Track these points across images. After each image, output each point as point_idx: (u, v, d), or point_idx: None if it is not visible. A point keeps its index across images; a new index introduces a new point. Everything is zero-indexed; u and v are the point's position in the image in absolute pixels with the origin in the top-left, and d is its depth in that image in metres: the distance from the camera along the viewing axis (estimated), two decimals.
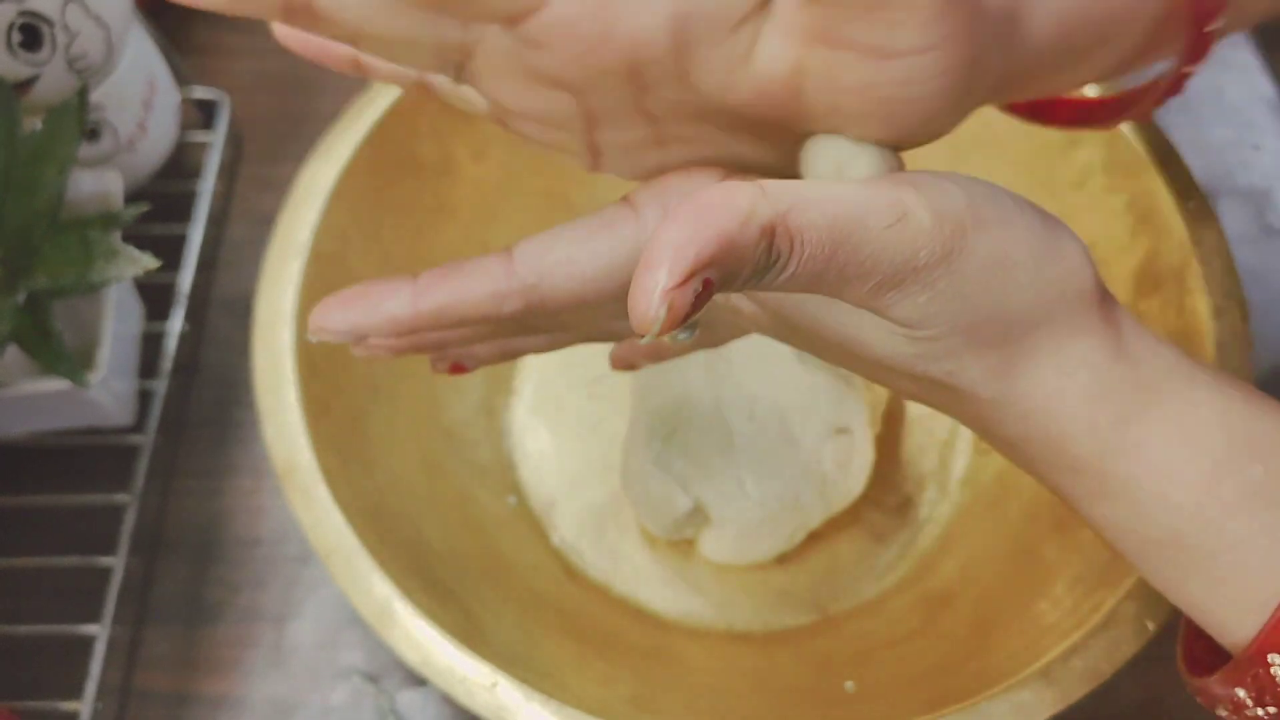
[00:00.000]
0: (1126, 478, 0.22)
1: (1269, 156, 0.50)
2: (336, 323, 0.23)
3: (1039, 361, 0.22)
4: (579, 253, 0.23)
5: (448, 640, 0.30)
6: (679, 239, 0.17)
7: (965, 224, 0.20)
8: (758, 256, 0.18)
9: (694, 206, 0.18)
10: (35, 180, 0.36)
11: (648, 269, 0.17)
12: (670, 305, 0.17)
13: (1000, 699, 0.29)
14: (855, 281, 0.20)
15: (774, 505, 0.39)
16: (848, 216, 0.19)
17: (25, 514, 0.40)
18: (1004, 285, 0.21)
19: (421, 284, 0.23)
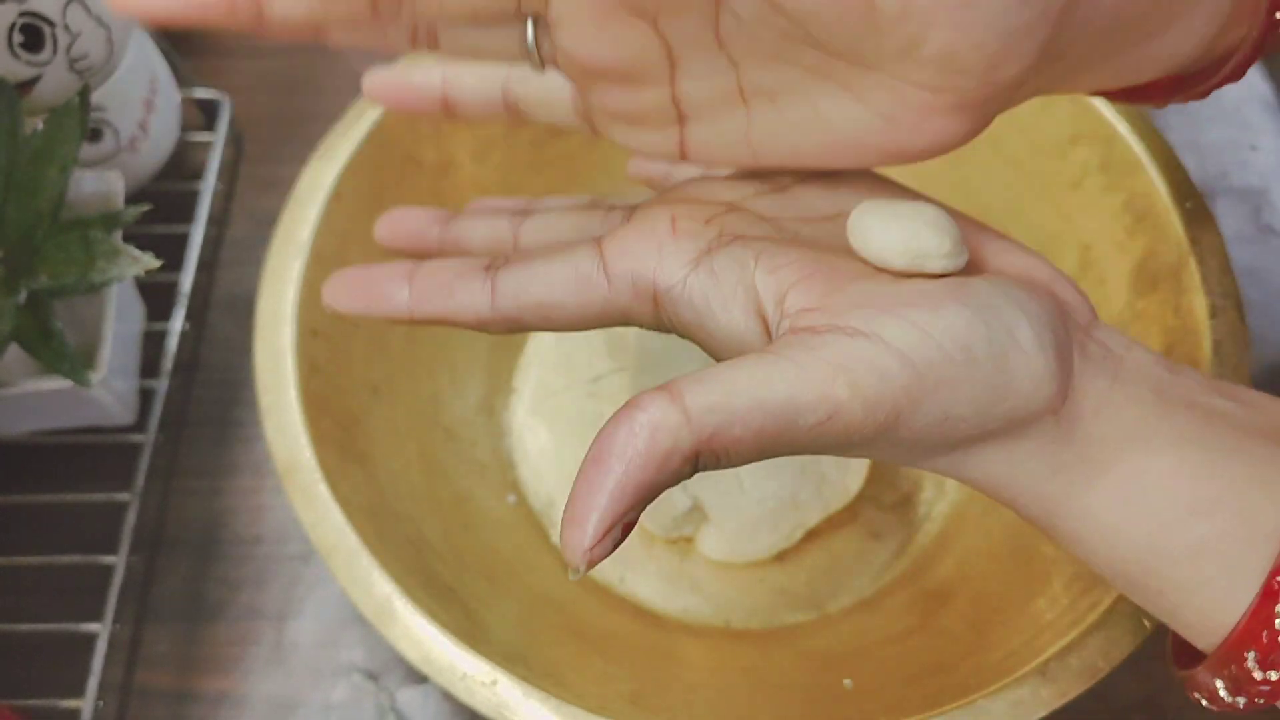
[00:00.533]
0: (1075, 536, 0.23)
1: (1266, 156, 0.50)
2: (345, 304, 0.26)
3: (985, 458, 0.22)
4: (553, 299, 0.24)
5: (448, 638, 0.30)
6: (600, 497, 0.19)
7: (900, 407, 0.20)
8: (684, 475, 0.20)
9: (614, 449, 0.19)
10: (37, 180, 0.36)
11: (573, 524, 0.19)
12: (590, 560, 0.19)
13: (998, 696, 0.29)
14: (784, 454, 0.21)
15: (772, 503, 0.39)
16: (775, 426, 0.20)
17: (27, 512, 0.40)
18: (944, 434, 0.21)
19: (417, 293, 0.25)
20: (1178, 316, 0.35)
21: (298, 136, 0.44)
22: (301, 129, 0.48)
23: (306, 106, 0.52)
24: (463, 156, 0.42)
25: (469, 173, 0.42)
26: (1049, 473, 0.22)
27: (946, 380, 0.20)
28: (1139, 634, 0.30)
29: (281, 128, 0.51)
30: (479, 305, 0.25)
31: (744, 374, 0.20)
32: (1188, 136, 0.50)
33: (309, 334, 0.35)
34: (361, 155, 0.38)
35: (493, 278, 0.25)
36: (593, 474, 0.19)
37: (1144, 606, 0.24)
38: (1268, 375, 0.44)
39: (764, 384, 0.20)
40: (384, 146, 0.39)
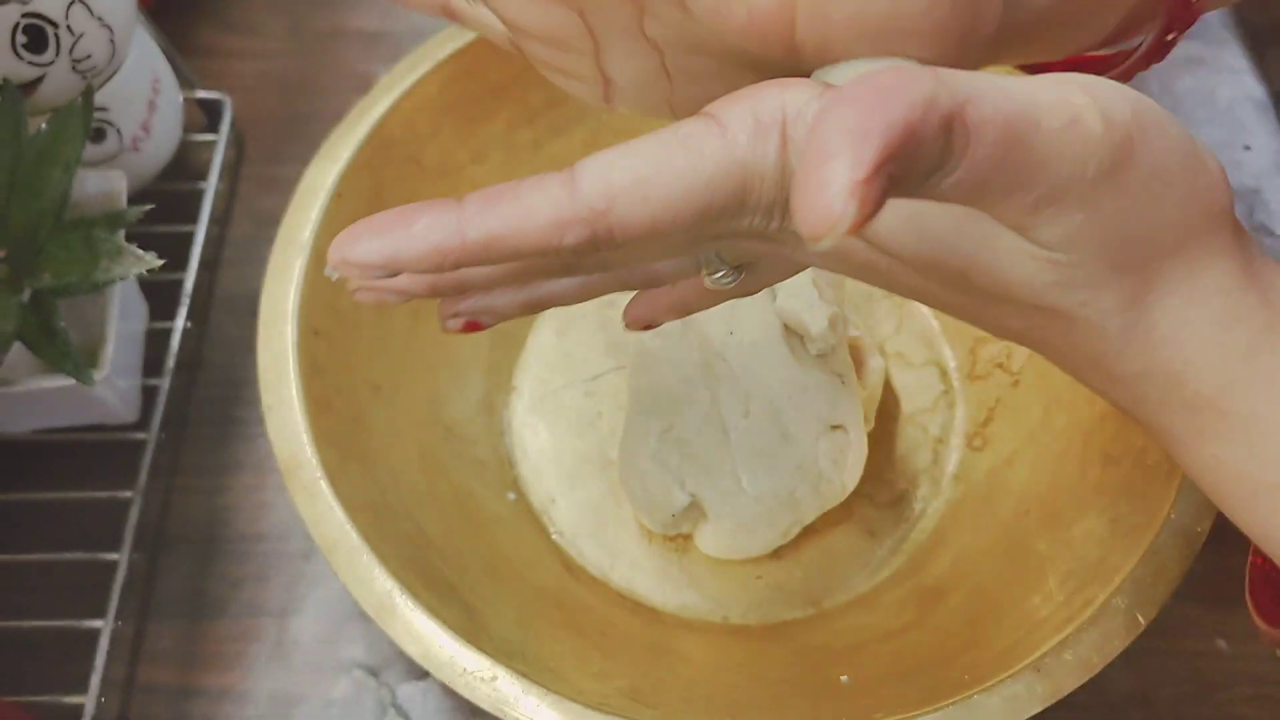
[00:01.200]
0: (1247, 415, 0.21)
1: (1259, 156, 0.50)
2: (366, 252, 0.19)
3: (1172, 288, 0.20)
4: (655, 172, 0.19)
5: (448, 634, 0.30)
6: (859, 123, 0.15)
7: (1132, 133, 0.19)
8: (934, 154, 0.16)
9: (869, 88, 0.16)
10: (41, 180, 0.37)
11: (821, 161, 0.15)
12: (861, 201, 0.15)
13: (993, 692, 0.29)
14: (1018, 192, 0.18)
15: (769, 500, 0.39)
16: (1022, 114, 0.17)
17: (30, 510, 0.41)
18: (1160, 201, 0.20)
19: (470, 209, 0.19)
20: None
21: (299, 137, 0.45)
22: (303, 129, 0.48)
23: (308, 107, 0.52)
24: (462, 157, 0.42)
25: (469, 173, 0.42)
26: (1231, 319, 0.20)
27: (1163, 124, 0.19)
28: (1133, 630, 0.30)
29: (283, 128, 0.51)
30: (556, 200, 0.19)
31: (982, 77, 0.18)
32: None
33: (311, 333, 0.36)
34: (362, 155, 0.38)
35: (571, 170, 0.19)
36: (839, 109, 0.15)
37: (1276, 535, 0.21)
38: None
39: (1004, 83, 0.18)
40: (385, 147, 0.39)
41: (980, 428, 0.42)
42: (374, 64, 0.53)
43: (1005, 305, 0.21)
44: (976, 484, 0.41)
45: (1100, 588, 0.31)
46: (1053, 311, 0.21)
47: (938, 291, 0.22)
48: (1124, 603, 0.30)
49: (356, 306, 0.38)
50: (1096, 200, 0.19)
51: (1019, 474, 0.39)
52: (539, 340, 0.45)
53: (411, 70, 0.40)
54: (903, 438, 0.43)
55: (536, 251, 0.19)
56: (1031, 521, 0.36)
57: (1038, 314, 0.21)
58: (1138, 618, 0.30)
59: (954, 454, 0.42)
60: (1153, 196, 0.19)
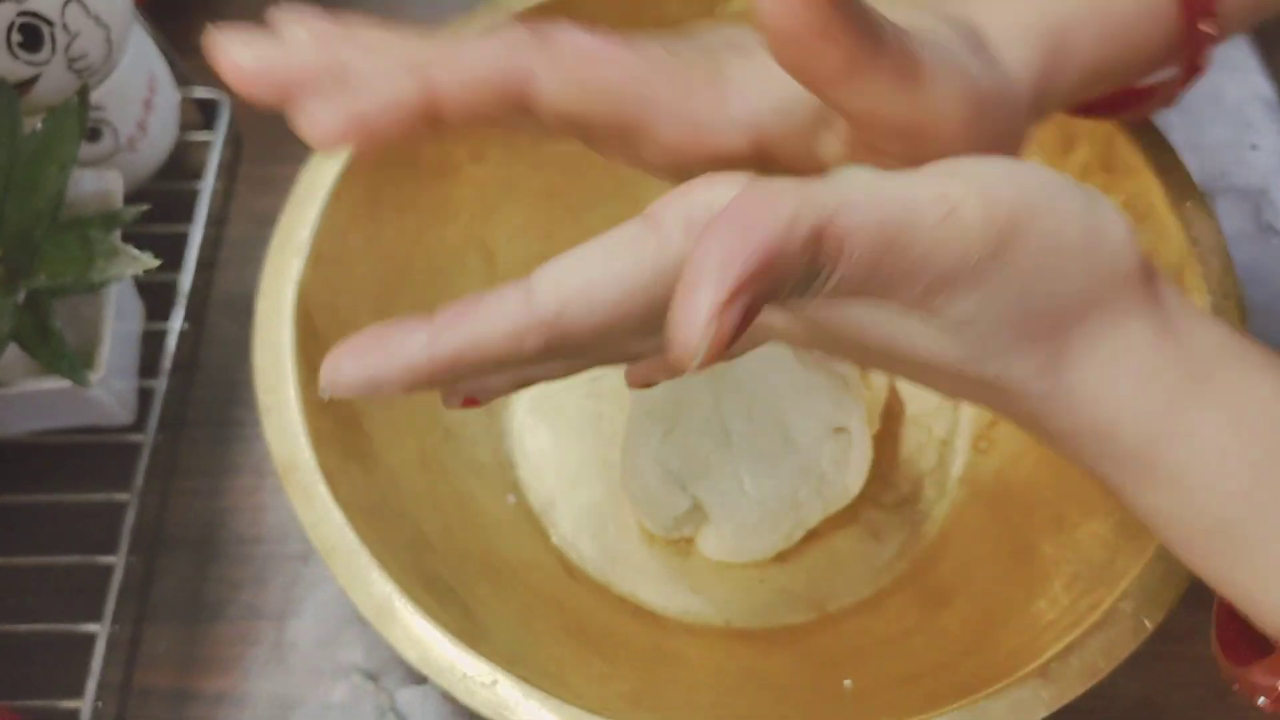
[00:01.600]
0: (1175, 466, 0.21)
1: (1266, 156, 0.50)
2: (350, 375, 0.21)
3: (1087, 351, 0.21)
4: (599, 276, 0.20)
5: (447, 638, 0.30)
6: (720, 254, 0.16)
7: (1016, 215, 0.19)
8: (802, 268, 0.17)
9: (733, 215, 0.17)
10: (36, 180, 0.36)
11: (689, 290, 0.16)
12: (717, 329, 0.16)
13: (998, 697, 0.29)
14: (905, 284, 0.19)
15: (772, 504, 0.39)
16: (895, 216, 0.18)
17: (26, 512, 0.40)
18: (1055, 274, 0.20)
19: (437, 326, 0.21)
20: None
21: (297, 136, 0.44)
22: None
23: None
24: (461, 156, 0.42)
25: (467, 172, 0.42)
26: (1150, 374, 0.21)
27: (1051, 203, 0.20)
28: (1140, 634, 0.30)
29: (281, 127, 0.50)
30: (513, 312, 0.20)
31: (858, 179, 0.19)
32: (1188, 136, 0.50)
33: (308, 334, 0.35)
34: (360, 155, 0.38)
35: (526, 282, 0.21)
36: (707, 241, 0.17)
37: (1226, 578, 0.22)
38: None
39: (879, 181, 0.19)
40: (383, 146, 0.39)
41: (986, 430, 0.42)
42: None
43: (934, 374, 0.22)
44: (982, 486, 0.40)
45: (1107, 591, 0.31)
46: (977, 379, 0.22)
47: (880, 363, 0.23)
48: (1131, 607, 0.30)
49: (355, 307, 0.38)
50: (987, 281, 0.19)
51: (1025, 477, 0.39)
52: None
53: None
54: (907, 440, 0.42)
55: (501, 360, 0.21)
56: (1037, 524, 0.36)
57: (965, 381, 0.22)
58: (1145, 622, 0.30)
59: (959, 456, 0.42)
60: (1048, 270, 0.20)
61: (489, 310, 0.21)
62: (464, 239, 0.43)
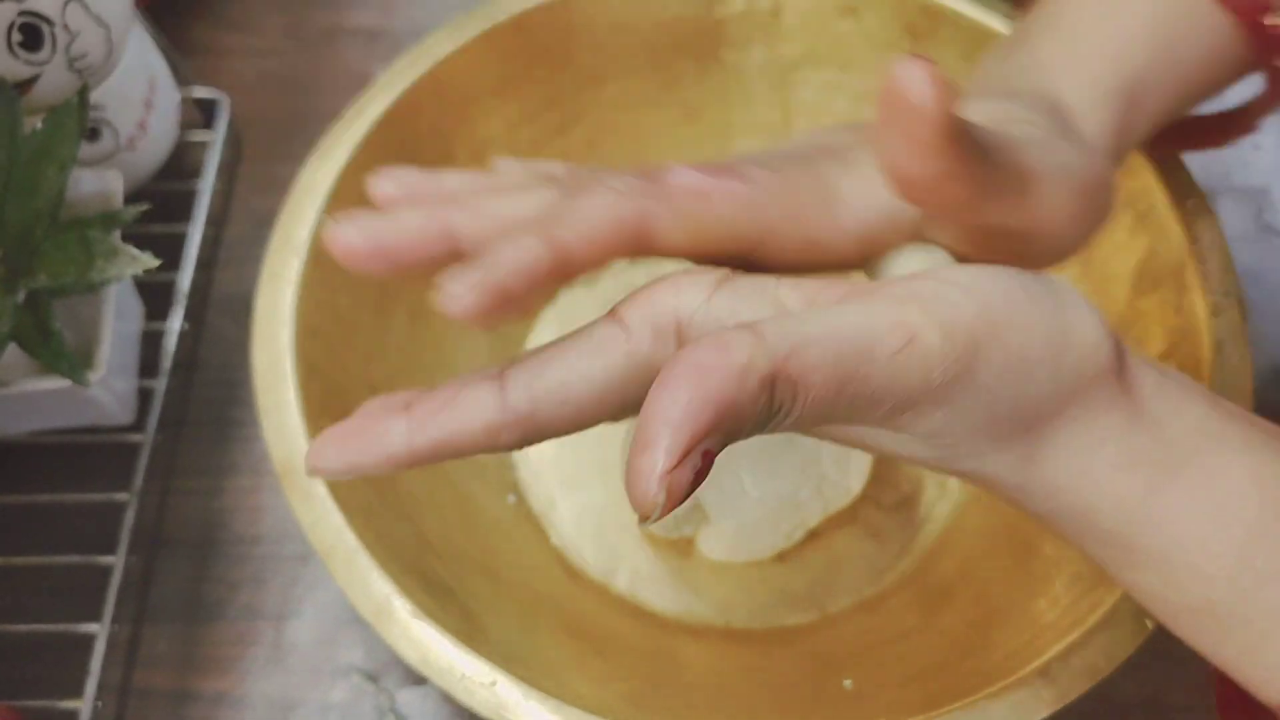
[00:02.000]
0: (1155, 550, 0.22)
1: (1268, 156, 0.50)
2: (334, 462, 0.22)
3: (1061, 446, 0.21)
4: (570, 378, 0.22)
5: (447, 639, 0.30)
6: (673, 413, 0.17)
7: (977, 336, 0.20)
8: (758, 411, 0.18)
9: (685, 368, 0.17)
10: (36, 180, 0.36)
11: (643, 449, 0.17)
12: (669, 489, 0.17)
13: (999, 697, 0.29)
14: (867, 410, 0.20)
15: (773, 503, 0.39)
16: (851, 351, 0.19)
17: (25, 512, 0.40)
18: (1022, 386, 0.20)
19: (416, 419, 0.22)
20: (1179, 316, 0.35)
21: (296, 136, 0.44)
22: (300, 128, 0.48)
23: (305, 106, 0.51)
24: (461, 156, 0.42)
25: None
26: (1125, 461, 0.21)
27: (1014, 317, 0.20)
28: (1140, 634, 0.30)
29: (280, 127, 0.51)
30: (488, 409, 0.22)
31: (814, 313, 0.20)
32: None
33: (308, 334, 0.35)
34: (360, 155, 0.38)
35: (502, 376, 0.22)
36: (662, 395, 0.17)
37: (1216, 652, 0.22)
38: (1269, 375, 0.44)
39: (836, 316, 0.19)
40: (383, 146, 0.39)
41: None
42: (372, 63, 0.53)
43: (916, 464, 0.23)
44: None
45: (1108, 591, 0.31)
46: (955, 472, 0.23)
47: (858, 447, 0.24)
48: (1132, 607, 0.30)
49: (354, 307, 0.38)
50: (951, 400, 0.20)
51: None
52: (539, 341, 0.45)
53: (410, 69, 0.39)
54: None
55: (477, 451, 0.22)
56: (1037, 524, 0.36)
57: (945, 471, 0.23)
58: (1146, 622, 0.30)
59: None
60: (1013, 383, 0.20)
61: (464, 408, 0.22)
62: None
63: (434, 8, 0.55)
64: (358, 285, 0.38)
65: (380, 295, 0.39)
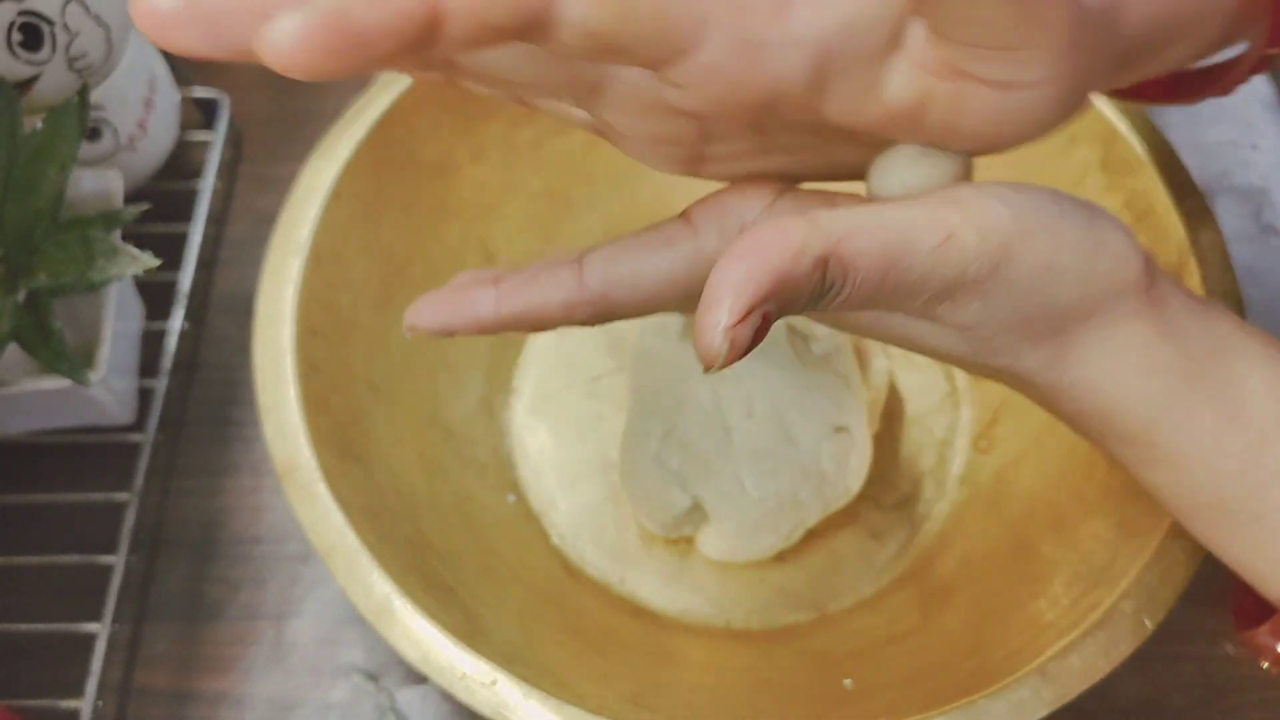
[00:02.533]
0: (1173, 449, 0.23)
1: (1267, 156, 0.50)
2: (428, 321, 0.25)
3: (1089, 348, 0.23)
4: (642, 267, 0.24)
5: (447, 638, 0.30)
6: (736, 277, 0.19)
7: (1010, 237, 0.21)
8: (812, 286, 0.20)
9: (749, 244, 0.19)
10: (36, 179, 0.36)
11: (709, 308, 0.19)
12: (732, 341, 0.19)
13: (998, 697, 0.29)
14: (908, 298, 0.21)
15: (772, 503, 0.39)
16: (896, 241, 0.20)
17: (26, 512, 0.40)
18: (1052, 287, 0.22)
19: (503, 291, 0.24)
20: None
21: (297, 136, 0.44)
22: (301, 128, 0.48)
23: (306, 106, 0.51)
24: (461, 156, 0.42)
25: (468, 172, 0.42)
26: (1147, 368, 0.23)
27: (1046, 226, 0.21)
28: (1140, 634, 0.30)
29: (281, 127, 0.51)
30: (567, 288, 0.24)
31: (864, 208, 0.21)
32: (1188, 136, 0.50)
33: (308, 333, 0.35)
34: (361, 154, 0.38)
35: (580, 259, 0.25)
36: (727, 265, 0.19)
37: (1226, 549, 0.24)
38: None
39: (883, 212, 0.21)
40: (383, 146, 0.39)
41: (986, 429, 0.42)
42: None
43: (952, 361, 0.25)
44: (982, 486, 0.40)
45: (1107, 591, 0.31)
46: (988, 367, 0.24)
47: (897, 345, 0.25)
48: (1131, 607, 0.30)
49: (355, 306, 0.38)
50: (985, 294, 0.22)
51: (1025, 476, 0.39)
52: (539, 341, 0.45)
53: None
54: (907, 439, 0.42)
55: (555, 325, 0.25)
56: (1037, 524, 0.36)
57: (979, 368, 0.24)
58: (1145, 622, 0.30)
59: (959, 456, 0.42)
60: (1044, 284, 0.22)
61: (546, 285, 0.24)
62: (464, 239, 0.43)
63: None
64: (358, 285, 0.38)
65: (381, 295, 0.39)
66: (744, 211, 0.24)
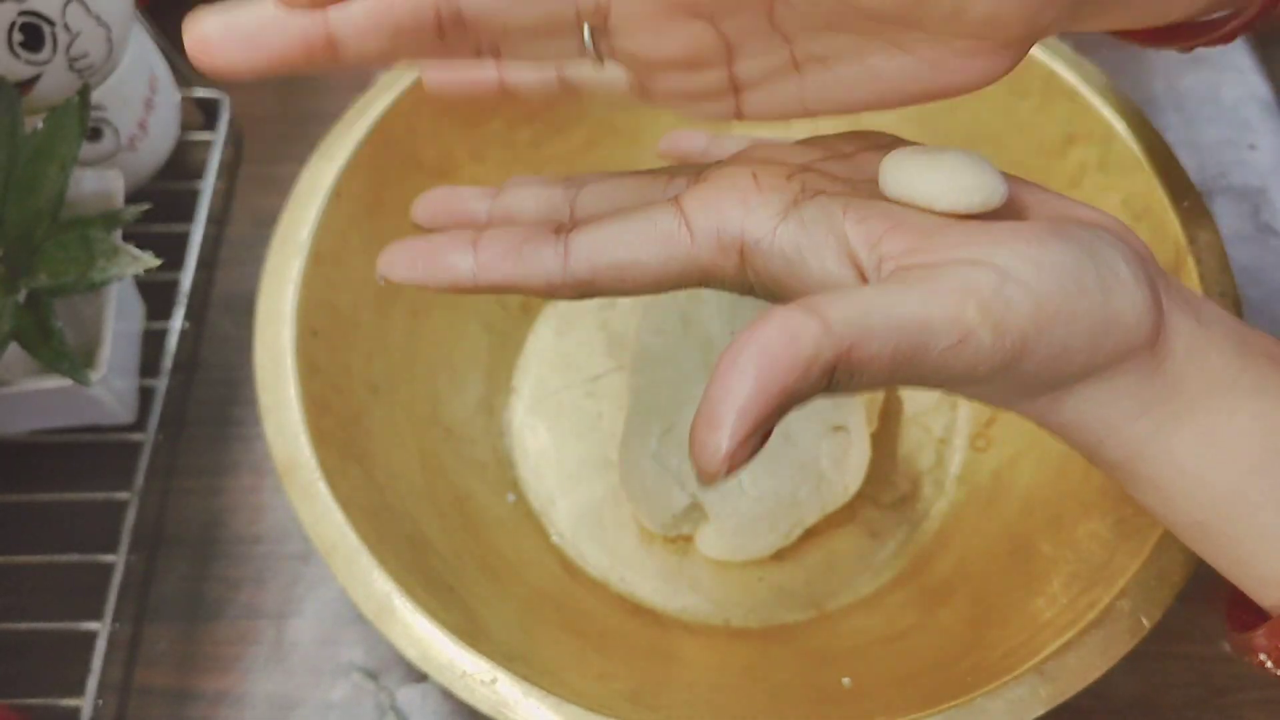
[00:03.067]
0: (1155, 479, 0.23)
1: (1264, 156, 0.50)
2: (402, 273, 0.24)
3: (1084, 399, 0.23)
4: (632, 257, 0.24)
5: (447, 636, 0.30)
6: (740, 396, 0.18)
7: (1027, 335, 0.21)
8: (818, 389, 0.19)
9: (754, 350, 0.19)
10: (37, 179, 0.36)
11: (709, 426, 0.18)
12: (731, 464, 0.18)
13: (996, 695, 0.29)
14: (912, 384, 0.21)
15: (771, 502, 0.39)
16: (910, 345, 0.20)
17: (27, 511, 0.40)
18: (1059, 367, 0.22)
19: (484, 260, 0.24)
20: None
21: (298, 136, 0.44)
22: (301, 128, 0.48)
23: (306, 105, 0.52)
24: (462, 155, 0.42)
25: (468, 172, 0.42)
26: (1138, 410, 0.23)
27: (1064, 311, 0.21)
28: (1137, 633, 0.30)
29: (281, 127, 0.51)
30: (550, 269, 0.24)
31: (877, 294, 0.20)
32: (1186, 136, 0.50)
33: (309, 333, 0.35)
34: (361, 154, 0.38)
35: (565, 239, 0.24)
36: (731, 376, 0.19)
37: (1212, 560, 0.24)
38: None
39: (898, 303, 0.20)
40: (384, 146, 0.39)
41: (984, 428, 0.42)
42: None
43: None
44: (980, 485, 0.40)
45: (1104, 590, 0.31)
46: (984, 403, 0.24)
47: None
48: (1128, 605, 0.30)
49: (355, 306, 0.38)
50: (993, 381, 0.21)
51: (1023, 475, 0.39)
52: (538, 341, 0.45)
53: (411, 68, 0.40)
54: (906, 438, 0.43)
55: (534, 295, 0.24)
56: (1035, 523, 0.36)
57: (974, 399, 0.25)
58: (1142, 620, 0.30)
59: (957, 455, 0.42)
60: (1052, 367, 0.22)
61: (530, 262, 0.24)
62: None
63: None
64: (358, 285, 0.38)
65: (380, 295, 0.39)
66: (746, 229, 0.23)
